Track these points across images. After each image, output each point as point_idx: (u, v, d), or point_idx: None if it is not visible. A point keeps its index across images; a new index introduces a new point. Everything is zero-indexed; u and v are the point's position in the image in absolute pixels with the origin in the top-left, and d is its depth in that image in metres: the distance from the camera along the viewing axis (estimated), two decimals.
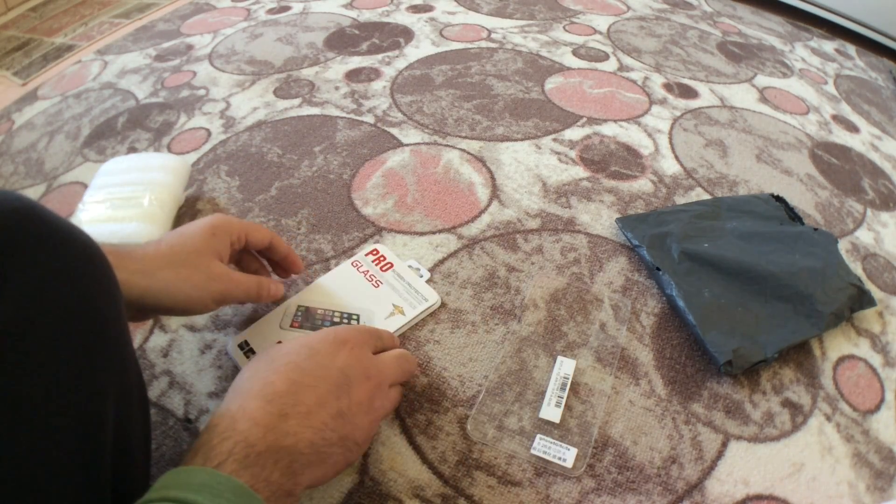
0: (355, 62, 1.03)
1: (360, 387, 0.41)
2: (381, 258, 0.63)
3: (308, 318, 0.57)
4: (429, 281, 0.62)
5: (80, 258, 0.30)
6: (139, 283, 0.42)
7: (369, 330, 0.47)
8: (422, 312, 0.59)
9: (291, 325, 0.56)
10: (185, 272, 0.45)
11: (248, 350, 0.54)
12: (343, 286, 0.60)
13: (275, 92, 0.95)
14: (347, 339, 0.43)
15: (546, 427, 0.51)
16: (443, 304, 0.60)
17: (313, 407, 0.37)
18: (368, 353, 0.44)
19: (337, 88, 0.96)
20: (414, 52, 1.06)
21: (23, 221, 0.27)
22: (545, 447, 0.49)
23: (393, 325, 0.57)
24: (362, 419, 0.40)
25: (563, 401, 0.52)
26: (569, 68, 1.03)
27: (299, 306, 0.58)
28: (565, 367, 0.54)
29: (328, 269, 0.64)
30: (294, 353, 0.41)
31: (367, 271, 0.62)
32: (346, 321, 0.57)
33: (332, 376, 0.40)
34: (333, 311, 0.58)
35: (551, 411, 0.51)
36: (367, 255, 0.63)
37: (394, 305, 0.58)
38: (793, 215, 0.72)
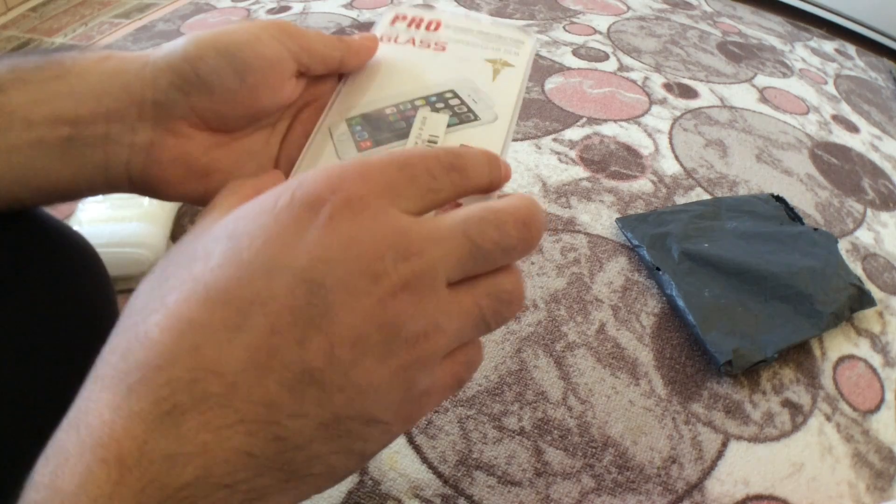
0: None
1: (358, 299, 0.17)
2: (416, 20, 0.36)
3: (379, 127, 0.31)
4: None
5: (74, 259, 0.30)
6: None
7: (400, 156, 0.20)
8: (529, 60, 0.35)
9: (361, 148, 0.30)
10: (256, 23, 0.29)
11: None
12: (392, 67, 0.35)
13: None
14: (323, 194, 0.18)
15: None
16: None
17: (240, 375, 0.16)
18: (386, 212, 0.18)
19: None
20: None
21: (15, 222, 0.27)
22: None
23: (508, 86, 0.33)
24: (376, 367, 0.17)
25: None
26: (569, 68, 1.03)
27: (351, 118, 0.32)
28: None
29: None
30: (203, 246, 0.18)
31: (413, 39, 0.36)
32: (440, 107, 0.31)
33: (281, 294, 0.16)
34: (413, 100, 0.32)
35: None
36: (392, 23, 0.36)
37: (489, 61, 0.34)
38: (793, 215, 0.72)
